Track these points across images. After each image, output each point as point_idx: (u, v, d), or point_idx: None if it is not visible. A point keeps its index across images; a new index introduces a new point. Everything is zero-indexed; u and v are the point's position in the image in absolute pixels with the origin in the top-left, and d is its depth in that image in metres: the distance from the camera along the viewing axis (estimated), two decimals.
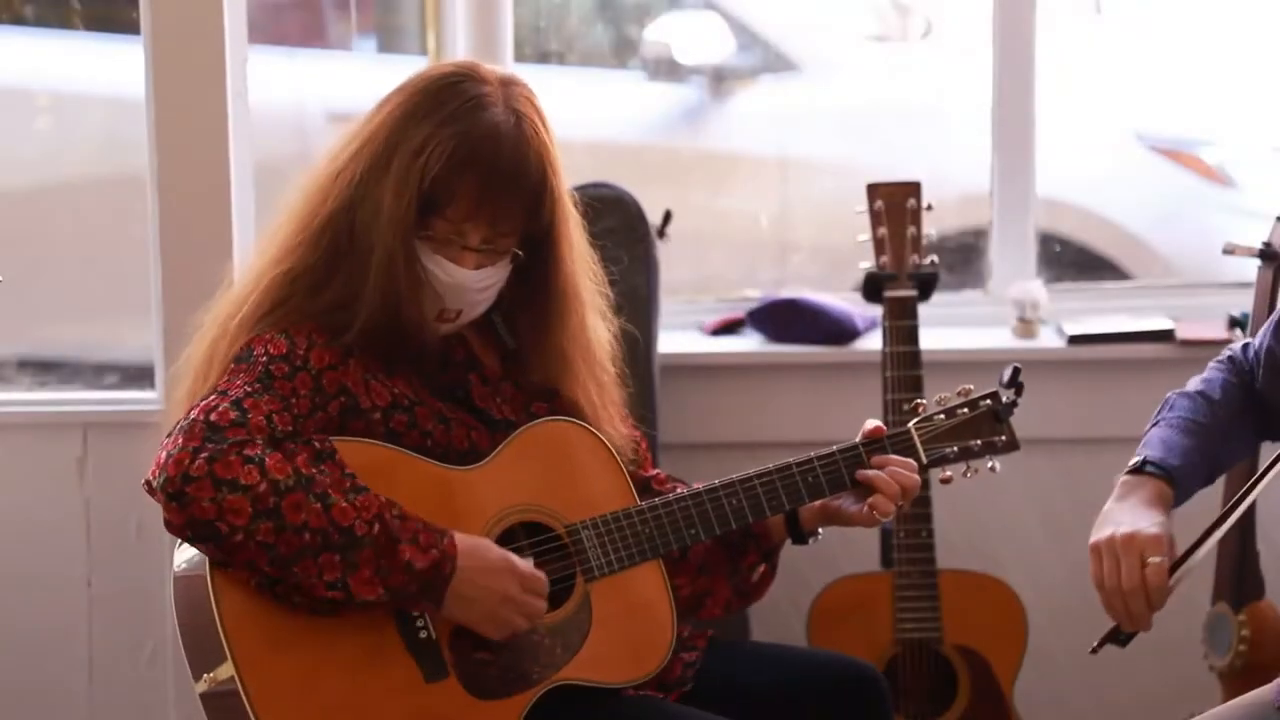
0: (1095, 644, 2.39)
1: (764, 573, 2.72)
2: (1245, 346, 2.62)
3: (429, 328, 2.53)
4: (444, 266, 2.51)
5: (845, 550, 3.55)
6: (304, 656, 2.42)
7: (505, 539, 2.52)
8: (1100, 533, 2.38)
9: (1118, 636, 2.38)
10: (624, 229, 3.75)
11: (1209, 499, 2.51)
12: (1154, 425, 2.54)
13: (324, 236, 2.51)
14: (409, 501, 2.45)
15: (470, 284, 2.53)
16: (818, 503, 2.65)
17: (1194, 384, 2.60)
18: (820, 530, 2.69)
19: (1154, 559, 2.32)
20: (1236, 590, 3.47)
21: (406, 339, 2.52)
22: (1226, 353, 2.63)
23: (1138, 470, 2.46)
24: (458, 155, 2.47)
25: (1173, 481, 2.45)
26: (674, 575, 2.67)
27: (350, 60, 4.21)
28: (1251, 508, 3.48)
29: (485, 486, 2.52)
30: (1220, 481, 2.70)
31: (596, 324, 2.68)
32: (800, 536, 2.69)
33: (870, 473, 2.61)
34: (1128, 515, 2.39)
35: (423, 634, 2.46)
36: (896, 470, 2.61)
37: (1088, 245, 4.38)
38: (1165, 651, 3.74)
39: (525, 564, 2.47)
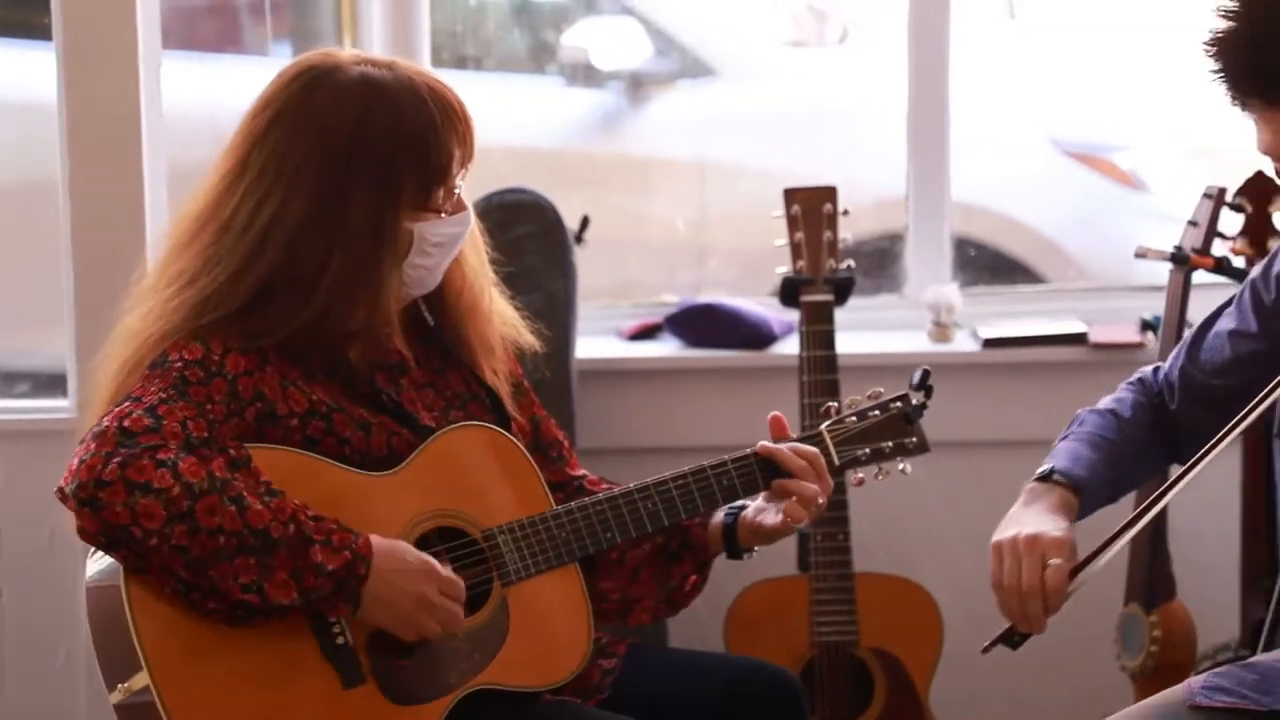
0: (987, 644, 2.40)
1: (694, 583, 2.73)
2: (1156, 370, 2.64)
3: (389, 324, 2.53)
4: (451, 222, 2.54)
5: (762, 554, 3.55)
6: (220, 666, 2.40)
7: (421, 545, 2.51)
8: (1003, 533, 2.39)
9: (1011, 638, 2.39)
10: (541, 234, 3.75)
11: (1110, 513, 2.53)
12: (1063, 439, 2.57)
13: (248, 247, 2.49)
14: (325, 507, 2.44)
15: (473, 220, 2.59)
16: (750, 519, 2.66)
17: (1105, 402, 2.62)
18: (755, 549, 2.71)
19: (1055, 561, 2.33)
20: (1148, 591, 3.51)
21: (331, 345, 2.52)
22: (1137, 375, 2.66)
23: (1044, 479, 2.49)
24: (427, 119, 2.49)
25: (1078, 492, 2.47)
26: (604, 579, 2.68)
27: (266, 65, 4.19)
28: (1163, 511, 3.52)
29: (401, 492, 2.52)
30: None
31: (504, 307, 2.70)
32: (736, 552, 2.70)
33: (785, 480, 2.62)
34: (1032, 519, 2.40)
35: (340, 640, 2.45)
36: (789, 460, 2.62)
37: (1002, 249, 4.41)
38: (1079, 652, 3.78)
39: (445, 569, 2.47)
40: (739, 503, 2.69)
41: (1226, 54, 2.25)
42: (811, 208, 3.49)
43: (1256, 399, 2.27)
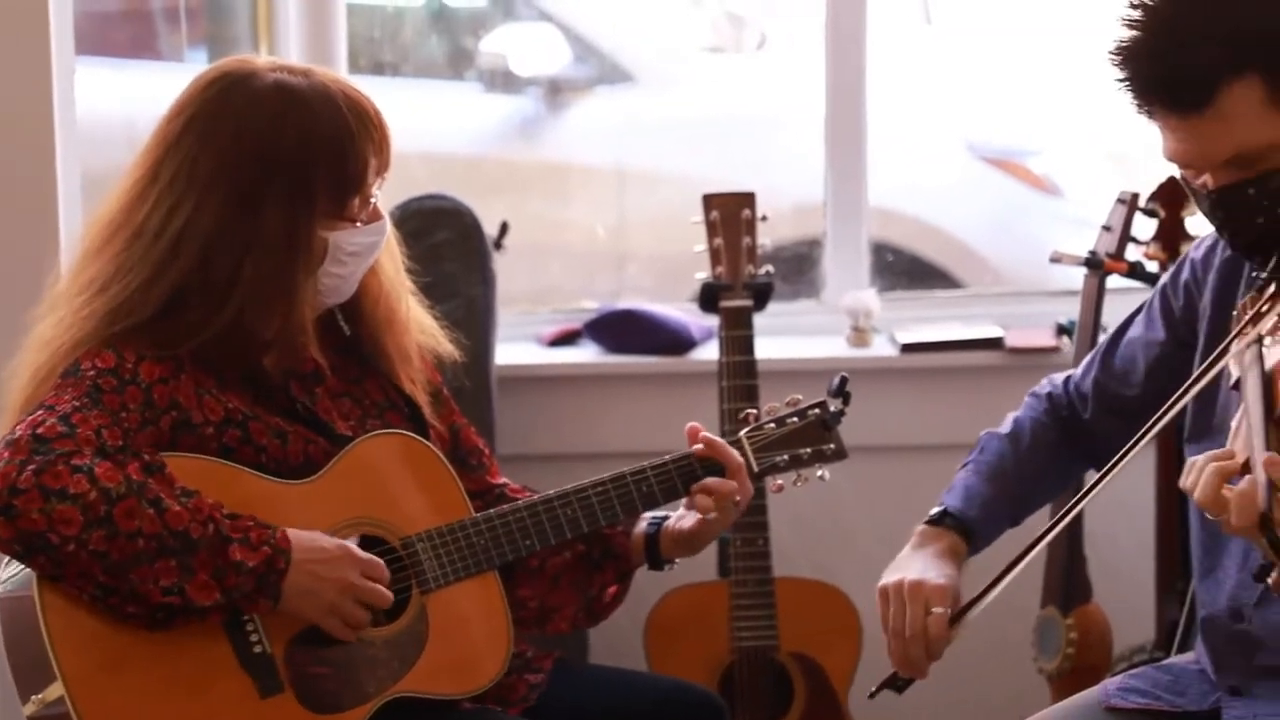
0: (873, 689, 2.45)
1: (615, 593, 2.73)
2: (1066, 379, 2.66)
3: (304, 333, 2.52)
4: (366, 231, 2.53)
5: (682, 560, 3.57)
6: (136, 675, 2.39)
7: None
8: (890, 577, 2.45)
9: (896, 682, 2.43)
10: (460, 241, 3.74)
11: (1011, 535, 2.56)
12: (964, 468, 2.60)
13: (160, 254, 2.47)
14: None
15: (389, 229, 2.58)
16: (673, 529, 2.66)
17: (1007, 424, 2.64)
18: (677, 560, 2.71)
19: (937, 610, 2.38)
20: (1065, 594, 3.54)
21: (246, 353, 2.51)
22: (1046, 388, 2.67)
23: (937, 521, 2.52)
24: (343, 127, 2.47)
25: (969, 536, 2.52)
26: (522, 586, 2.67)
27: (181, 72, 4.16)
28: (1079, 515, 3.55)
29: (319, 500, 2.51)
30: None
31: (422, 316, 2.69)
32: (658, 562, 2.70)
33: (707, 480, 2.63)
34: (919, 564, 2.45)
35: (257, 648, 2.44)
36: (730, 456, 2.63)
37: (920, 254, 4.44)
38: (997, 655, 3.80)
39: (363, 552, 2.47)
40: (661, 513, 2.69)
41: (1131, 63, 2.27)
42: (730, 213, 3.50)
43: (1162, 409, 2.29)
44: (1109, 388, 2.59)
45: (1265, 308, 2.23)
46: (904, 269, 4.33)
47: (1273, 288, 2.26)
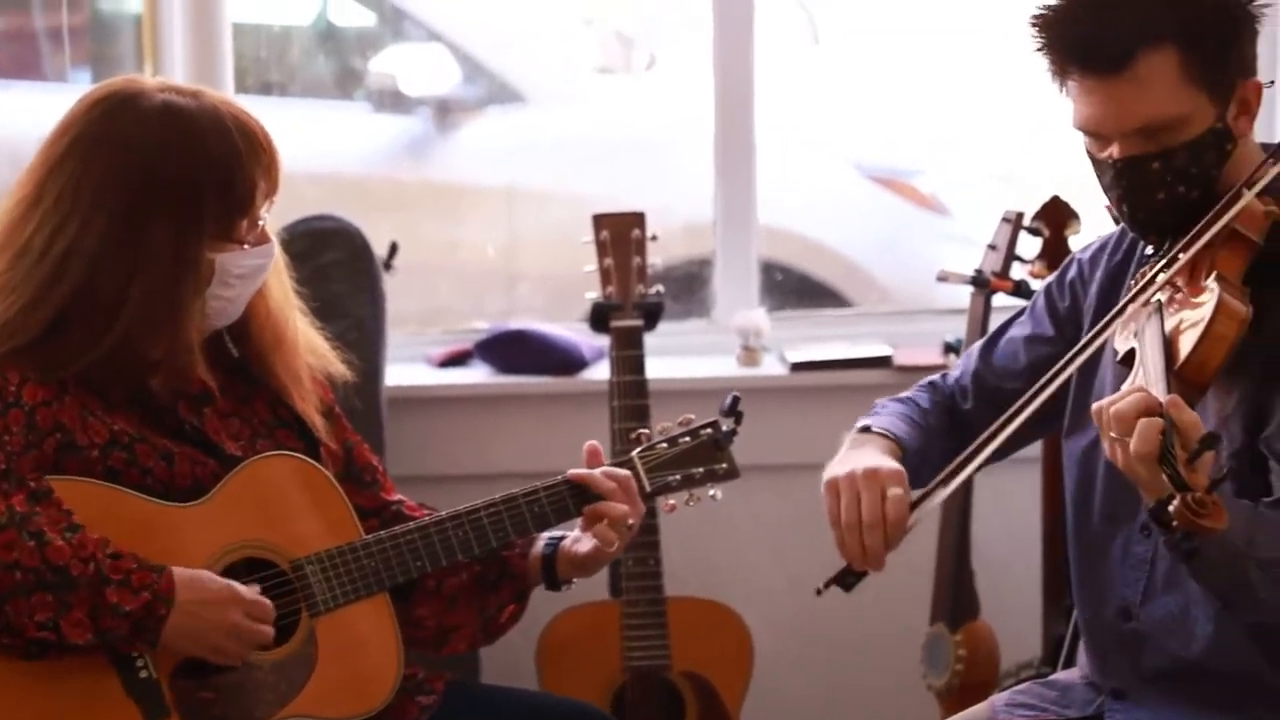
0: (821, 585, 2.39)
1: (512, 613, 2.72)
2: (944, 375, 2.69)
3: (191, 354, 2.49)
4: (254, 254, 2.51)
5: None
6: (20, 703, 2.36)
7: (229, 576, 2.48)
8: (838, 470, 2.38)
9: (845, 579, 2.37)
10: (349, 261, 3.73)
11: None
12: (868, 416, 2.59)
13: (45, 274, 2.45)
14: (128, 541, 2.41)
15: (277, 252, 2.56)
16: (569, 551, 2.66)
17: (901, 396, 2.66)
18: (573, 580, 2.71)
19: (895, 491, 2.33)
20: (953, 611, 3.57)
21: (132, 374, 2.48)
22: (927, 380, 2.70)
23: (864, 430, 2.51)
24: (231, 149, 2.46)
25: (901, 447, 2.49)
26: (420, 606, 2.66)
27: (65, 93, 4.12)
28: (967, 532, 3.58)
29: (207, 523, 2.49)
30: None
31: (312, 337, 2.68)
32: (554, 583, 2.70)
33: (597, 504, 2.63)
34: (865, 456, 2.40)
35: (143, 674, 2.41)
36: (602, 484, 2.63)
37: (809, 273, 4.46)
38: (886, 672, 3.83)
39: (249, 591, 2.45)
40: (558, 533, 2.69)
41: (1052, 27, 2.31)
42: (620, 233, 3.50)
43: (1060, 363, 2.33)
44: (988, 381, 2.62)
45: (1160, 278, 2.28)
46: (793, 288, 4.35)
47: (1166, 261, 2.30)
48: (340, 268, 3.71)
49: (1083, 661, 2.56)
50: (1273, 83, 2.35)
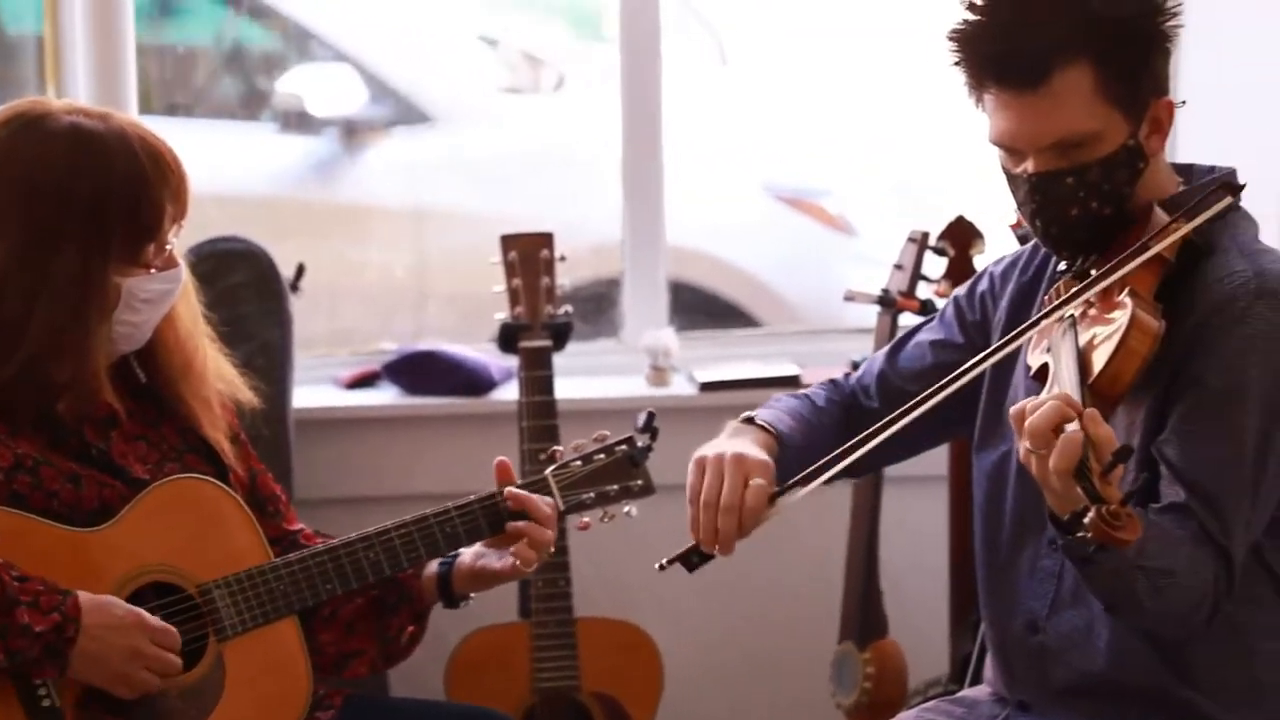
0: (664, 561, 2.41)
1: (413, 634, 2.71)
2: (847, 375, 2.70)
3: (97, 378, 2.47)
4: (162, 279, 2.50)
5: (483, 601, 3.55)
6: None
7: (135, 601, 2.46)
8: (708, 450, 2.41)
9: (690, 558, 2.38)
10: (256, 283, 3.71)
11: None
12: (760, 408, 2.60)
13: None
14: (34, 565, 2.38)
15: (185, 276, 2.54)
16: (468, 567, 2.65)
17: (799, 393, 2.67)
18: (471, 596, 2.70)
19: (758, 481, 2.36)
20: (861, 629, 3.58)
21: (37, 398, 2.46)
22: (829, 379, 2.71)
23: (748, 421, 2.53)
24: (139, 173, 2.45)
25: (780, 443, 2.50)
26: (321, 633, 2.64)
27: None
28: (875, 550, 3.60)
29: (113, 548, 2.47)
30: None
31: (221, 363, 2.66)
32: (452, 600, 2.69)
33: (519, 524, 2.62)
34: (739, 444, 2.43)
35: (45, 703, 2.39)
36: (538, 509, 2.62)
37: (718, 293, 4.47)
38: (796, 690, 3.85)
39: (155, 619, 2.43)
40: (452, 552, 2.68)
41: (969, 41, 2.33)
42: (529, 254, 3.50)
43: (969, 364, 2.35)
44: (893, 382, 2.63)
45: (1074, 295, 2.31)
46: (702, 308, 4.36)
47: (1087, 282, 2.32)
48: (247, 290, 3.69)
49: (990, 675, 2.58)
50: (1184, 102, 2.38)
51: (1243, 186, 2.37)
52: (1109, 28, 2.29)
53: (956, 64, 2.35)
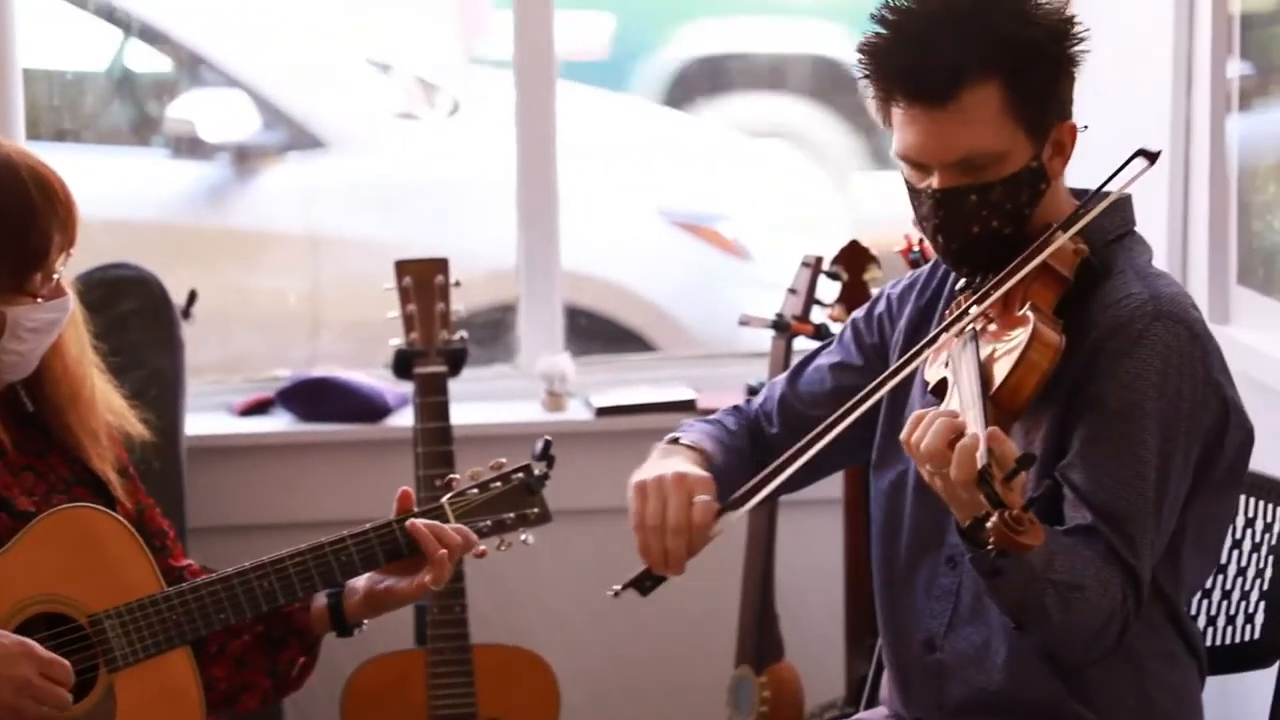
0: (618, 588, 2.39)
1: (304, 664, 2.69)
2: (749, 401, 2.71)
3: None
4: (48, 308, 2.47)
5: (378, 628, 3.52)
6: None
7: (24, 632, 2.43)
8: (646, 474, 2.40)
9: (643, 582, 2.38)
10: (147, 310, 3.68)
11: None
12: (677, 432, 2.60)
13: None
14: None
15: (73, 305, 2.51)
16: (362, 590, 2.63)
17: (708, 419, 2.67)
18: (365, 622, 2.67)
19: (702, 497, 2.35)
20: (758, 653, 3.59)
21: None
22: (732, 405, 2.72)
23: (673, 442, 2.52)
24: (25, 201, 2.42)
25: (709, 462, 2.50)
26: (212, 668, 2.62)
27: None
28: (771, 574, 3.61)
29: (1, 578, 2.43)
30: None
31: (110, 394, 2.63)
32: (344, 629, 2.67)
33: (421, 533, 2.59)
34: (674, 463, 2.42)
35: None
36: (446, 535, 2.61)
37: (614, 318, 4.48)
38: (692, 714, 3.84)
39: (44, 650, 2.40)
40: None
41: (879, 55, 2.35)
42: (423, 279, 3.49)
43: (873, 384, 2.37)
44: (795, 407, 2.64)
45: (975, 309, 2.33)
46: (598, 333, 4.37)
47: (982, 294, 2.35)
48: (137, 317, 3.65)
49: (886, 695, 2.59)
50: (1086, 127, 2.41)
51: (1143, 168, 2.37)
52: (1019, 49, 2.31)
53: (865, 77, 2.37)
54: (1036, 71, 2.33)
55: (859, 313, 2.65)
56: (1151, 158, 2.37)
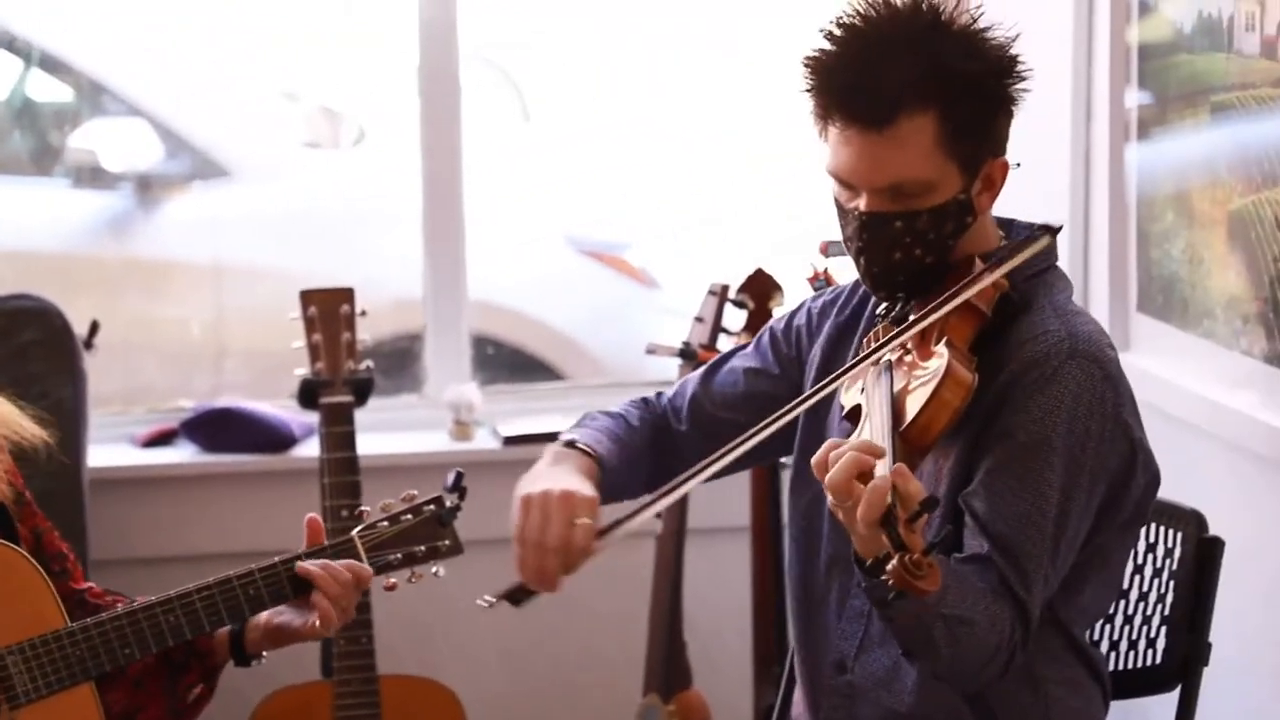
0: (490, 598, 2.38)
1: (201, 693, 2.66)
2: (659, 395, 2.70)
3: None
4: None
5: (284, 659, 3.49)
6: None
7: None
8: (532, 487, 2.38)
9: (517, 595, 2.37)
10: (49, 341, 3.65)
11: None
12: (577, 427, 2.59)
13: None
14: None
15: None
16: (263, 624, 2.61)
17: (613, 409, 2.66)
18: (264, 654, 2.65)
19: (584, 520, 2.34)
20: (665, 681, 3.59)
21: None
22: (640, 396, 2.71)
23: (569, 445, 2.51)
24: None
25: (601, 467, 2.49)
26: (109, 690, 2.59)
27: None
28: (678, 602, 3.61)
29: None
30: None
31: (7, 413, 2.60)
32: (244, 659, 2.64)
33: (313, 574, 2.58)
34: (563, 476, 2.41)
35: None
36: (340, 573, 2.59)
37: (521, 347, 4.48)
38: None
39: None
40: None
41: (823, 71, 2.35)
42: (329, 309, 3.48)
43: (781, 412, 2.36)
44: (705, 407, 2.63)
45: (892, 339, 2.34)
46: (506, 362, 4.36)
47: (903, 326, 2.35)
48: (39, 347, 3.62)
49: (797, 715, 2.60)
50: (1019, 164, 2.43)
51: (1059, 228, 2.41)
52: (960, 82, 2.33)
53: (807, 90, 2.37)
54: (975, 106, 2.34)
55: (778, 321, 2.65)
56: (1054, 232, 2.39)
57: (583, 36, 4.72)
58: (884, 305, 2.46)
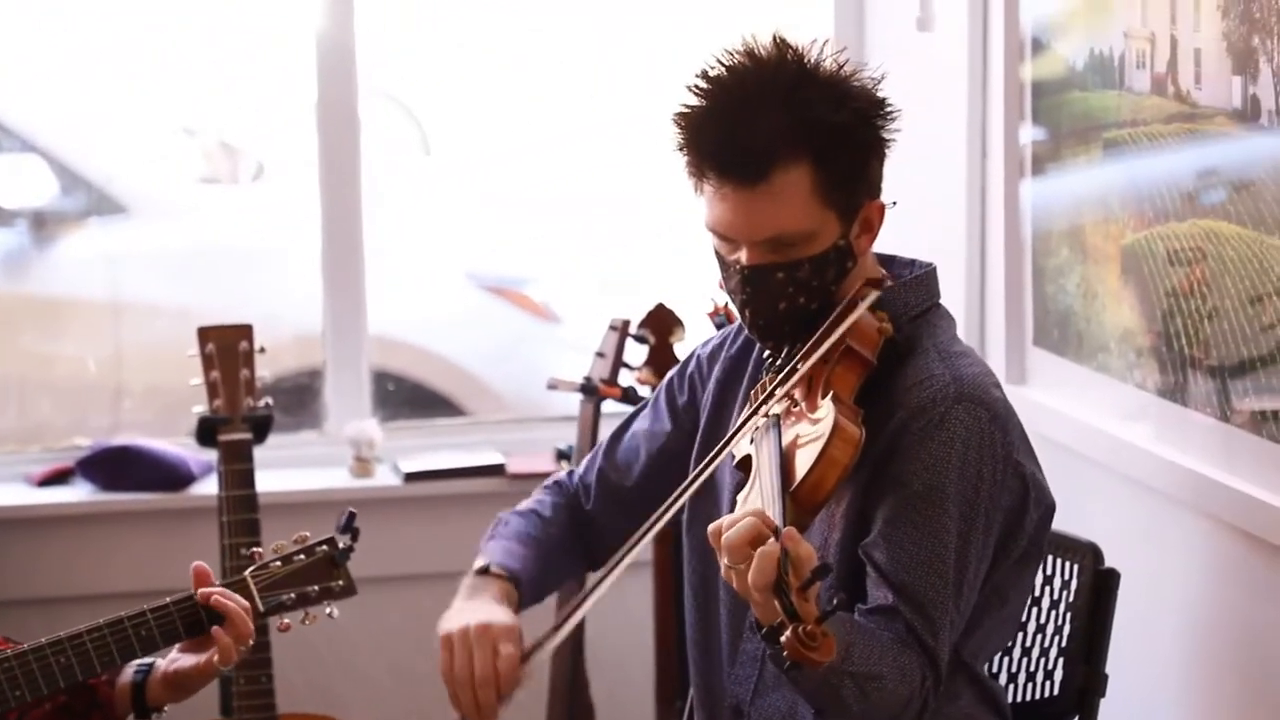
0: None
1: None
2: (570, 474, 2.71)
3: None
4: None
5: (181, 701, 3.48)
6: None
7: None
8: (451, 624, 2.40)
9: None
10: None
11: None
12: (490, 539, 2.60)
13: None
14: None
15: None
16: (161, 674, 2.58)
17: (526, 504, 2.67)
18: (167, 707, 2.62)
19: (506, 649, 2.36)
20: (569, 718, 3.58)
21: None
22: (553, 479, 2.72)
23: (483, 572, 2.51)
24: None
25: (517, 585, 2.50)
26: None
27: None
28: (581, 640, 3.61)
29: None
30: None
31: None
32: (144, 711, 2.61)
33: (228, 607, 2.55)
34: (479, 609, 2.42)
35: None
36: (235, 611, 2.56)
37: (422, 383, 4.46)
38: None
39: None
40: (148, 660, 2.60)
41: (694, 128, 2.35)
42: (227, 346, 3.45)
43: (676, 492, 2.36)
44: (611, 479, 2.65)
45: (779, 391, 2.33)
46: (407, 398, 4.35)
47: (783, 376, 2.36)
48: None
49: None
50: (895, 203, 2.44)
51: (883, 281, 2.41)
52: (831, 132, 2.33)
53: (679, 148, 2.37)
54: (847, 154, 2.35)
55: (672, 374, 2.67)
56: (878, 285, 2.40)
57: (482, 70, 4.72)
58: (769, 353, 2.46)
